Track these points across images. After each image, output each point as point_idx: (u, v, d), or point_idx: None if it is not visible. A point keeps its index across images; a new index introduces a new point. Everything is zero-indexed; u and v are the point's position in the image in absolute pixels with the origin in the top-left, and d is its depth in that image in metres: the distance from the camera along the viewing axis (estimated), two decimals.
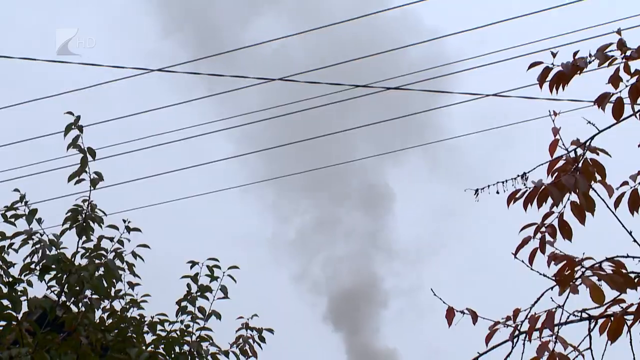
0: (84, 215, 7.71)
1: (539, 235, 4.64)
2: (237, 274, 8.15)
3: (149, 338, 7.92)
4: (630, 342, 4.49)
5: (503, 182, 4.97)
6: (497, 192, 5.00)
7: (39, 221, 7.58)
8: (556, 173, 4.64)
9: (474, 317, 4.94)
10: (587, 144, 4.67)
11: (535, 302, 4.62)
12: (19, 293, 7.41)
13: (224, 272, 8.12)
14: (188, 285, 8.12)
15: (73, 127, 7.74)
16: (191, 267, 8.11)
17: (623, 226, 4.59)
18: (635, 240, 4.58)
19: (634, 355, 4.58)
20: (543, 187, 4.62)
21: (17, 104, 13.36)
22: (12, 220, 7.62)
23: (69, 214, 7.72)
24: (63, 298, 7.59)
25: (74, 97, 12.57)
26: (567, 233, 4.63)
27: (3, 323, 7.42)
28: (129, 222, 7.80)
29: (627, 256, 4.49)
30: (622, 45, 4.66)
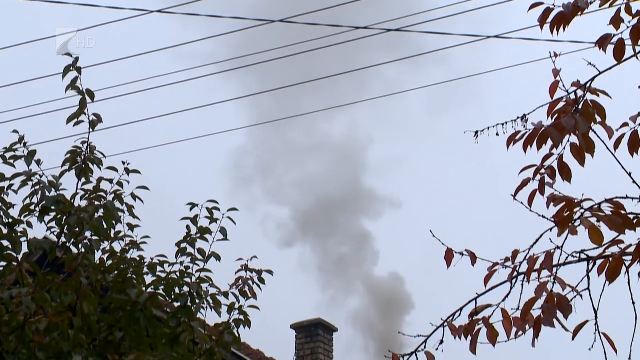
0: (83, 157, 7.71)
1: (538, 176, 4.64)
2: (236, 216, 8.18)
3: (148, 279, 7.97)
4: (629, 282, 4.51)
5: (503, 124, 4.95)
6: (497, 134, 4.99)
7: (38, 163, 7.59)
8: (556, 115, 4.63)
9: (473, 258, 4.96)
10: (588, 85, 4.66)
11: (534, 243, 4.64)
12: (19, 234, 7.44)
13: (223, 214, 8.14)
14: (187, 227, 8.15)
15: (72, 68, 7.72)
16: (191, 209, 8.13)
17: (622, 167, 4.59)
18: (634, 182, 4.58)
19: (632, 295, 4.60)
20: (543, 128, 4.61)
21: (14, 45, 13.30)
22: (12, 161, 7.63)
23: (68, 155, 7.73)
24: (63, 239, 7.61)
25: (73, 39, 12.50)
26: (567, 175, 4.63)
27: (3, 264, 7.46)
28: (128, 164, 7.81)
29: (626, 197, 4.49)
30: None
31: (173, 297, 7.96)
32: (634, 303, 4.64)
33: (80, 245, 7.63)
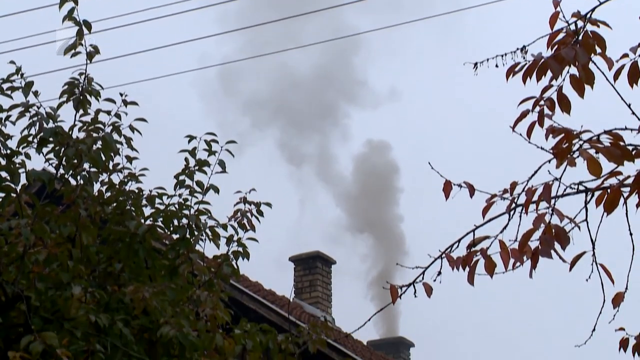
0: (80, 89, 7.68)
1: (537, 108, 4.63)
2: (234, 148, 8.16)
3: (147, 211, 7.98)
4: (627, 214, 4.52)
5: (502, 56, 4.93)
6: (496, 66, 4.97)
7: (36, 94, 7.55)
8: (556, 46, 4.61)
9: (471, 190, 4.96)
10: (588, 16, 4.63)
11: (533, 174, 4.64)
12: (17, 165, 7.43)
13: (221, 147, 8.12)
14: (186, 160, 8.14)
15: None
16: (189, 142, 8.12)
17: (622, 99, 4.58)
18: (633, 113, 4.57)
19: (629, 226, 4.62)
20: (542, 60, 4.59)
21: None
22: (9, 92, 7.60)
23: (66, 87, 7.69)
24: (61, 171, 7.61)
25: None
26: (566, 106, 4.62)
27: (2, 195, 7.46)
28: (125, 95, 7.78)
29: (625, 129, 4.48)
30: None
31: (172, 229, 7.97)
32: (631, 234, 4.66)
33: (78, 177, 7.63)
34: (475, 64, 5.09)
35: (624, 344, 5.64)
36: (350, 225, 35.28)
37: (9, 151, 7.42)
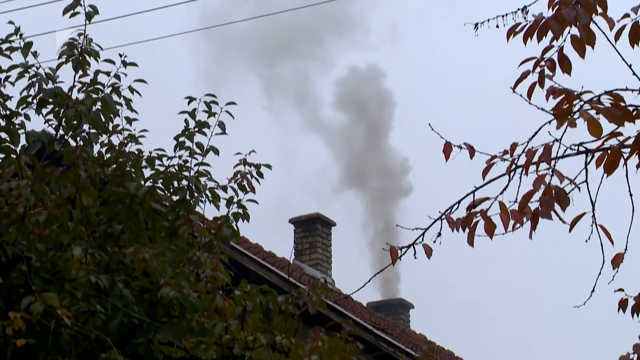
0: (79, 49, 7.65)
1: (538, 69, 4.61)
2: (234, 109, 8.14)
3: (147, 173, 7.98)
4: (627, 175, 4.52)
5: (503, 16, 4.90)
6: (497, 26, 4.94)
7: (35, 55, 7.52)
8: (557, 6, 4.58)
9: (471, 151, 4.95)
10: None
11: (533, 135, 4.63)
12: (16, 126, 7.42)
13: (221, 108, 8.10)
14: (186, 121, 8.12)
15: None
16: (189, 103, 8.10)
17: (623, 59, 4.56)
18: (634, 73, 4.55)
19: (629, 187, 4.61)
20: (543, 20, 4.56)
21: None
22: (8, 53, 7.56)
23: (65, 47, 7.66)
24: (61, 132, 7.60)
25: None
26: (567, 67, 4.60)
27: (2, 156, 7.46)
28: (125, 56, 7.75)
29: (626, 89, 4.46)
30: None
31: (172, 190, 7.97)
32: (631, 195, 4.65)
33: (78, 138, 7.62)
34: (476, 24, 5.07)
35: (623, 304, 5.66)
36: (344, 176, 35.20)
37: (8, 112, 7.41)
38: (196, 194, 7.97)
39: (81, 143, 7.59)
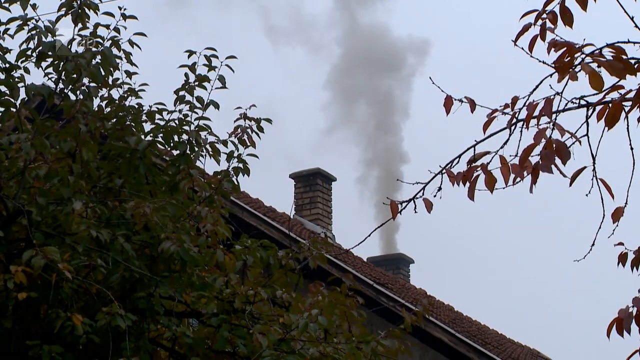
0: (79, 2, 7.60)
1: (539, 22, 4.58)
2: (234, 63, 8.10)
3: (147, 127, 7.96)
4: (627, 128, 4.50)
5: None
6: None
7: (34, 7, 7.48)
8: None
9: (472, 105, 4.94)
10: None
11: (534, 89, 4.61)
12: (16, 80, 7.39)
13: (221, 62, 8.06)
14: (186, 75, 8.09)
15: None
16: (189, 57, 8.06)
17: (625, 11, 4.53)
18: (636, 26, 4.51)
19: (630, 141, 4.60)
20: None
21: None
22: (6, 5, 7.51)
23: (64, 0, 7.61)
24: (61, 86, 7.57)
25: None
26: (568, 19, 4.57)
27: (1, 109, 7.44)
28: (124, 9, 7.70)
29: (628, 42, 4.44)
30: None
31: (172, 145, 7.96)
32: (632, 149, 4.64)
33: (78, 92, 7.59)
34: None
35: (622, 258, 5.65)
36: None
37: (7, 65, 7.37)
38: (196, 149, 7.96)
39: (81, 97, 7.57)
